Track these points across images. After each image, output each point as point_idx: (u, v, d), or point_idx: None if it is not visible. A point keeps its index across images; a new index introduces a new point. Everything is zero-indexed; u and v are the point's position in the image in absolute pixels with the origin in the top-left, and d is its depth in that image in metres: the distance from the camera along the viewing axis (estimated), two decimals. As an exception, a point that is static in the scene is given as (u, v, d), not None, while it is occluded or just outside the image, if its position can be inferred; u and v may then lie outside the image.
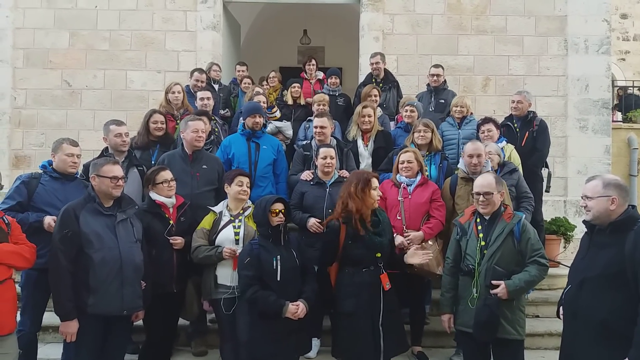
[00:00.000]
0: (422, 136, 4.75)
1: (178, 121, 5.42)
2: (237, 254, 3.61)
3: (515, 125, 5.59)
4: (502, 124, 5.63)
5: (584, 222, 2.88)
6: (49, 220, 3.57)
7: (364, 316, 3.36)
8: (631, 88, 10.65)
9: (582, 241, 2.99)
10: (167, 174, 3.89)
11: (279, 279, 3.35)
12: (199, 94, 5.65)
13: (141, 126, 4.96)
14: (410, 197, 4.29)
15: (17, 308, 3.14)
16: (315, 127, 4.86)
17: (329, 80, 6.55)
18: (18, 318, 3.31)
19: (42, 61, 7.57)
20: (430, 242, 4.23)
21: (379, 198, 3.55)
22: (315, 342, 4.37)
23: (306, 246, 4.11)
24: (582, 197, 2.85)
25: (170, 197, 3.88)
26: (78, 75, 7.57)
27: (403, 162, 4.34)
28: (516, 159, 5.09)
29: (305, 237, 4.27)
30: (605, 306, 2.65)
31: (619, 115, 9.53)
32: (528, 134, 5.53)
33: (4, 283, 2.99)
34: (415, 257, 3.52)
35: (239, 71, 7.30)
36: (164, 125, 4.95)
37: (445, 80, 6.43)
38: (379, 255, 3.44)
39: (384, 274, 3.43)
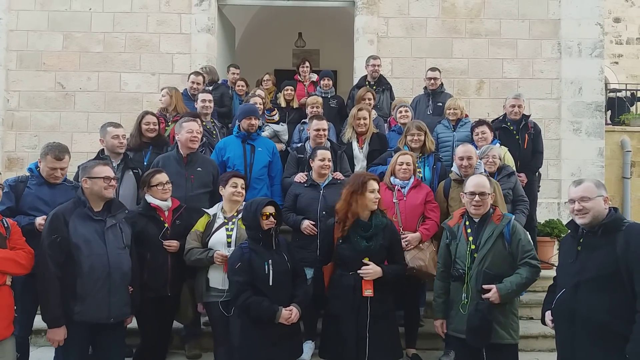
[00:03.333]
0: (416, 139, 4.76)
1: (168, 123, 5.43)
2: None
3: (512, 127, 5.61)
4: (496, 127, 5.66)
5: (580, 225, 2.82)
6: (39, 221, 3.52)
7: (348, 320, 3.34)
8: (624, 91, 10.72)
9: (566, 245, 2.96)
10: (162, 177, 3.87)
11: (271, 283, 3.31)
12: (200, 96, 5.64)
13: (134, 128, 4.95)
14: (405, 199, 4.29)
15: (15, 314, 3.10)
16: (317, 129, 4.85)
17: (322, 82, 6.56)
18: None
19: (36, 63, 7.55)
20: (426, 244, 4.23)
21: (376, 200, 3.49)
22: (310, 345, 4.35)
23: (300, 248, 4.11)
24: (576, 201, 2.78)
25: (165, 200, 3.87)
26: (72, 77, 7.55)
27: (402, 164, 4.33)
28: (510, 162, 5.12)
29: (298, 239, 4.27)
30: (604, 307, 2.63)
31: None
32: (527, 136, 5.58)
33: None
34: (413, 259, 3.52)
35: (233, 73, 7.29)
36: (157, 127, 4.94)
37: (442, 84, 6.45)
38: (366, 259, 3.39)
39: (368, 280, 3.36)
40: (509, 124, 5.65)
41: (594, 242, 2.74)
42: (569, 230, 2.97)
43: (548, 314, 3.03)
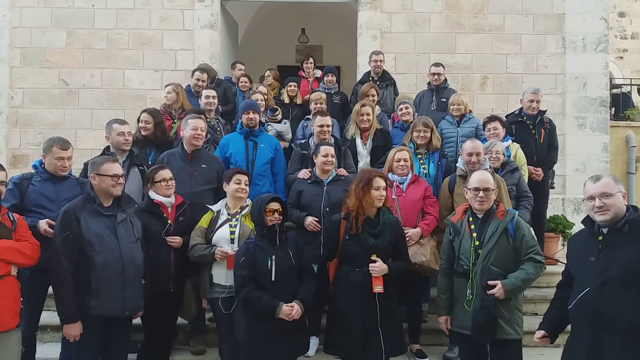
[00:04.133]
0: (422, 136, 4.76)
1: (174, 120, 5.43)
2: (229, 255, 3.61)
3: (528, 122, 5.61)
4: (512, 121, 5.65)
5: (600, 222, 2.70)
6: (44, 226, 3.51)
7: (356, 316, 3.34)
8: (629, 86, 10.66)
9: (581, 242, 2.85)
10: (165, 173, 3.89)
11: (273, 279, 3.33)
12: (204, 92, 5.63)
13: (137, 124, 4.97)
14: (404, 194, 4.31)
15: (21, 305, 3.12)
16: (321, 126, 4.84)
17: (326, 79, 6.55)
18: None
19: (39, 60, 7.56)
20: (426, 239, 4.25)
21: (381, 198, 3.46)
22: (314, 341, 4.36)
23: (303, 244, 4.12)
24: (596, 197, 2.66)
25: (169, 197, 3.88)
26: (75, 74, 7.56)
27: (399, 161, 4.34)
28: (521, 158, 5.11)
29: (302, 236, 4.27)
30: (633, 307, 2.56)
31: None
32: (544, 131, 5.59)
33: (3, 279, 2.98)
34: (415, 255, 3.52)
35: (240, 70, 7.27)
36: (149, 125, 4.86)
37: (445, 79, 6.42)
38: (374, 256, 3.39)
39: (377, 277, 3.37)
40: (525, 118, 5.63)
41: (619, 239, 2.64)
42: (584, 227, 2.85)
43: (539, 333, 3.00)
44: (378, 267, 3.37)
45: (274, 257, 3.35)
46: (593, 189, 2.71)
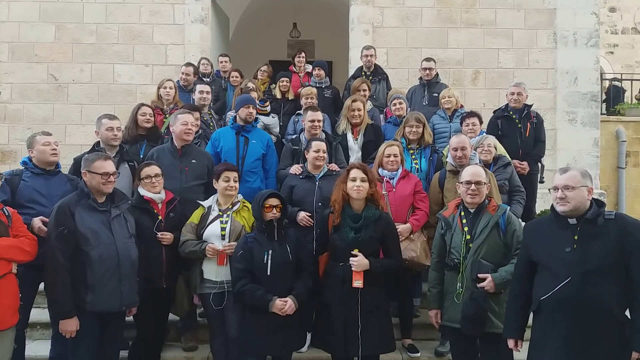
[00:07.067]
0: (414, 131, 4.76)
1: (166, 115, 5.39)
2: (220, 251, 3.61)
3: (514, 116, 5.62)
4: (498, 116, 5.67)
5: (560, 213, 2.76)
6: (38, 224, 3.51)
7: (337, 310, 3.32)
8: (619, 81, 10.72)
9: (547, 231, 2.83)
10: (150, 170, 3.82)
11: (269, 273, 3.34)
12: (198, 87, 5.59)
13: (129, 120, 4.91)
14: (394, 190, 4.30)
15: (19, 303, 3.12)
16: (312, 121, 4.82)
17: (314, 72, 6.49)
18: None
19: (28, 55, 7.50)
20: (416, 234, 4.24)
21: (358, 189, 3.37)
22: (308, 336, 4.35)
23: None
24: (559, 189, 2.74)
25: (157, 193, 3.85)
26: (64, 69, 7.50)
27: (389, 156, 4.33)
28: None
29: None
30: (612, 296, 2.62)
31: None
32: (529, 125, 5.59)
33: (4, 277, 2.99)
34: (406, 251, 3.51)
35: (221, 62, 7.23)
36: (152, 118, 4.92)
37: (437, 74, 6.42)
38: (356, 251, 3.33)
39: (358, 271, 3.30)
40: (511, 112, 5.65)
41: (593, 230, 2.69)
42: (547, 215, 2.91)
43: (511, 342, 2.97)
44: (357, 261, 3.30)
45: (270, 251, 3.37)
46: (558, 180, 2.79)
